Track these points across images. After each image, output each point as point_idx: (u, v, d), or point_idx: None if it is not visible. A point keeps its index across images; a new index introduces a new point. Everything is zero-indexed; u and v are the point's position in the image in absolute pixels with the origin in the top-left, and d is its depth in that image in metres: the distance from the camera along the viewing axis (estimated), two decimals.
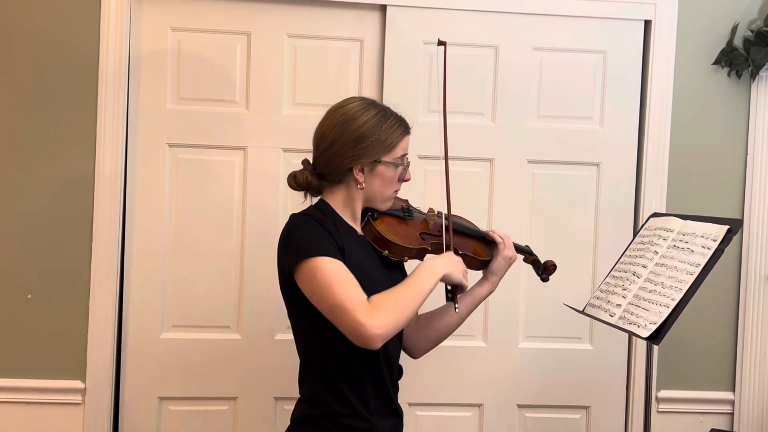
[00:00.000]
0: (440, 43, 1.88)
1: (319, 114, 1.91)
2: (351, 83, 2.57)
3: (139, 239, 2.51)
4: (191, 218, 2.53)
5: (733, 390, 2.69)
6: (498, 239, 1.96)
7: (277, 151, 2.54)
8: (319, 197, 1.84)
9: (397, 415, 1.83)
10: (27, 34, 2.43)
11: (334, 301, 1.60)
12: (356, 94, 2.56)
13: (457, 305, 1.77)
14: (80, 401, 2.47)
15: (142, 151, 2.51)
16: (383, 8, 2.56)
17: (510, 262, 1.97)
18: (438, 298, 1.85)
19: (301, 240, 1.68)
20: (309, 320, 1.71)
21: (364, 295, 1.61)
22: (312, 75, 2.56)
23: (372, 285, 1.73)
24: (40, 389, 2.45)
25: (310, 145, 2.58)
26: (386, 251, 1.80)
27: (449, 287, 1.77)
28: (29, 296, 2.46)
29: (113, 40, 2.44)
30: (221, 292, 2.54)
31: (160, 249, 2.52)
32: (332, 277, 1.61)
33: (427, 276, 1.69)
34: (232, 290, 2.55)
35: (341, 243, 1.70)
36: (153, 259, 2.52)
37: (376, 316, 1.57)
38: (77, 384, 2.46)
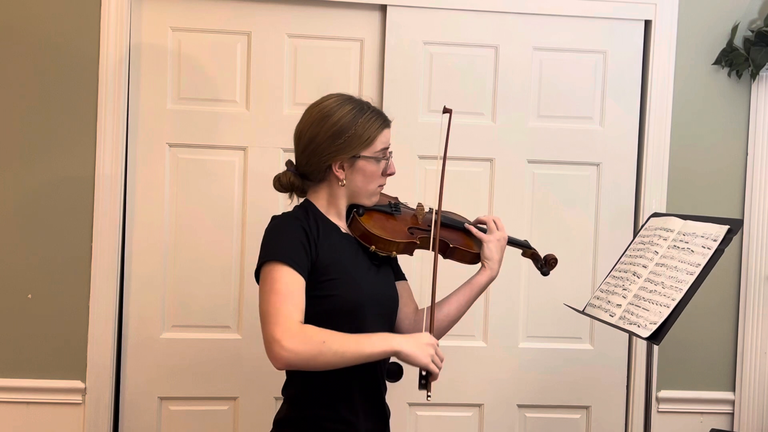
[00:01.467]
0: (445, 110, 1.84)
1: None
2: (351, 83, 2.57)
3: (139, 239, 2.51)
4: (191, 218, 2.53)
5: (733, 390, 2.69)
6: (479, 230, 1.93)
7: (277, 151, 2.54)
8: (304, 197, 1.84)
9: (383, 416, 1.81)
10: (27, 34, 2.43)
11: (266, 308, 1.60)
12: (356, 94, 2.55)
13: (429, 394, 1.65)
14: (80, 401, 2.47)
15: (142, 151, 2.51)
16: (383, 8, 2.56)
17: (502, 243, 1.93)
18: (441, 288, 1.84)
19: (269, 243, 1.69)
20: None
21: (297, 316, 1.60)
22: (312, 75, 2.56)
23: (356, 282, 1.72)
24: (40, 389, 2.45)
25: None
26: (372, 246, 1.79)
27: (423, 372, 1.66)
28: (29, 296, 2.46)
29: (113, 40, 2.44)
30: (221, 292, 2.54)
31: (160, 249, 2.52)
32: (277, 286, 1.61)
33: (377, 341, 1.61)
34: (232, 290, 2.55)
35: (320, 243, 1.69)
36: (153, 259, 2.52)
37: (293, 339, 1.55)
38: (77, 384, 2.46)
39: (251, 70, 2.54)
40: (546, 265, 2.06)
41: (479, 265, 1.94)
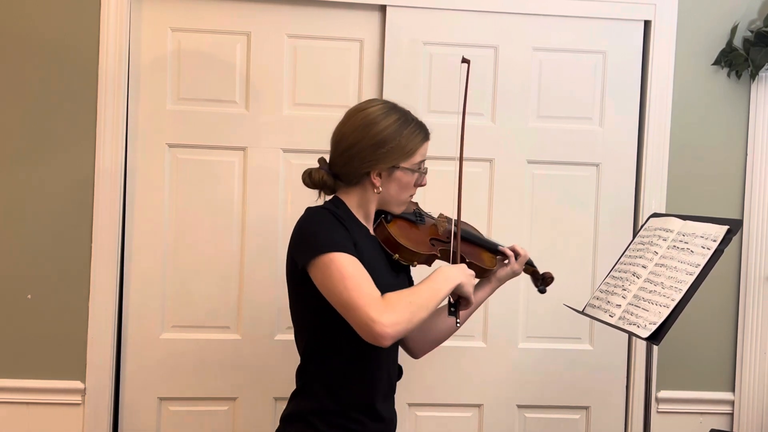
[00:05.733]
0: (464, 60, 1.87)
1: (319, 114, 1.91)
2: (351, 83, 2.57)
3: (139, 239, 2.51)
4: (191, 218, 2.53)
5: (733, 390, 2.69)
6: (521, 252, 2.01)
7: (277, 151, 2.54)
8: (332, 195, 1.84)
9: (390, 418, 1.83)
10: (27, 34, 2.43)
11: (347, 296, 1.58)
12: (356, 95, 2.56)
13: (459, 320, 1.76)
14: (80, 401, 2.47)
15: (142, 151, 2.51)
16: (383, 8, 2.56)
17: (515, 275, 2.03)
18: None
19: (317, 234, 1.66)
20: (315, 317, 1.70)
21: (377, 292, 1.60)
22: (312, 75, 2.56)
23: (381, 286, 1.73)
24: (40, 389, 2.45)
25: (310, 145, 2.59)
26: (396, 255, 1.80)
27: (452, 300, 1.75)
28: (29, 296, 2.46)
29: (113, 41, 2.44)
30: (221, 292, 2.54)
31: (160, 249, 2.52)
32: (346, 272, 1.60)
33: (443, 283, 1.68)
34: (232, 290, 2.55)
35: (355, 239, 1.70)
36: (153, 259, 2.52)
37: (388, 313, 1.56)
38: (77, 384, 2.46)
39: (251, 71, 2.54)
40: (543, 282, 2.11)
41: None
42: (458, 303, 1.74)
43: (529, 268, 2.10)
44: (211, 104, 2.53)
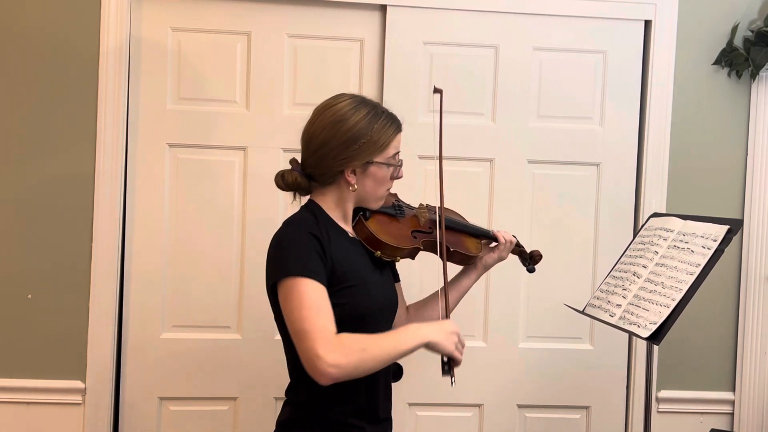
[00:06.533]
0: (436, 90, 1.82)
1: None
2: (351, 83, 2.57)
3: (139, 239, 2.51)
4: (191, 218, 2.53)
5: (733, 390, 2.69)
6: (502, 240, 1.98)
7: (277, 151, 2.54)
8: (307, 197, 1.80)
9: (387, 418, 1.82)
10: (27, 34, 2.43)
11: (300, 325, 1.55)
12: (356, 94, 2.55)
13: (454, 379, 1.67)
14: (80, 401, 2.47)
15: (142, 150, 2.51)
16: (383, 8, 2.56)
17: (501, 260, 2.01)
18: (427, 285, 1.84)
19: (288, 255, 1.63)
20: None
21: (333, 327, 1.56)
22: (312, 75, 2.56)
23: (369, 289, 1.71)
24: (40, 389, 2.45)
25: None
26: (378, 252, 1.77)
27: (445, 359, 1.67)
28: (29, 296, 2.46)
29: (113, 40, 2.44)
30: (221, 292, 2.54)
31: (160, 249, 2.52)
32: (306, 301, 1.56)
33: (409, 337, 1.60)
34: (232, 290, 2.55)
35: (333, 251, 1.66)
36: (153, 259, 2.52)
37: (335, 353, 1.51)
38: (77, 384, 2.46)
39: (251, 70, 2.54)
40: (531, 261, 2.10)
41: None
42: (451, 361, 1.66)
43: (516, 248, 2.07)
44: (211, 104, 2.53)
